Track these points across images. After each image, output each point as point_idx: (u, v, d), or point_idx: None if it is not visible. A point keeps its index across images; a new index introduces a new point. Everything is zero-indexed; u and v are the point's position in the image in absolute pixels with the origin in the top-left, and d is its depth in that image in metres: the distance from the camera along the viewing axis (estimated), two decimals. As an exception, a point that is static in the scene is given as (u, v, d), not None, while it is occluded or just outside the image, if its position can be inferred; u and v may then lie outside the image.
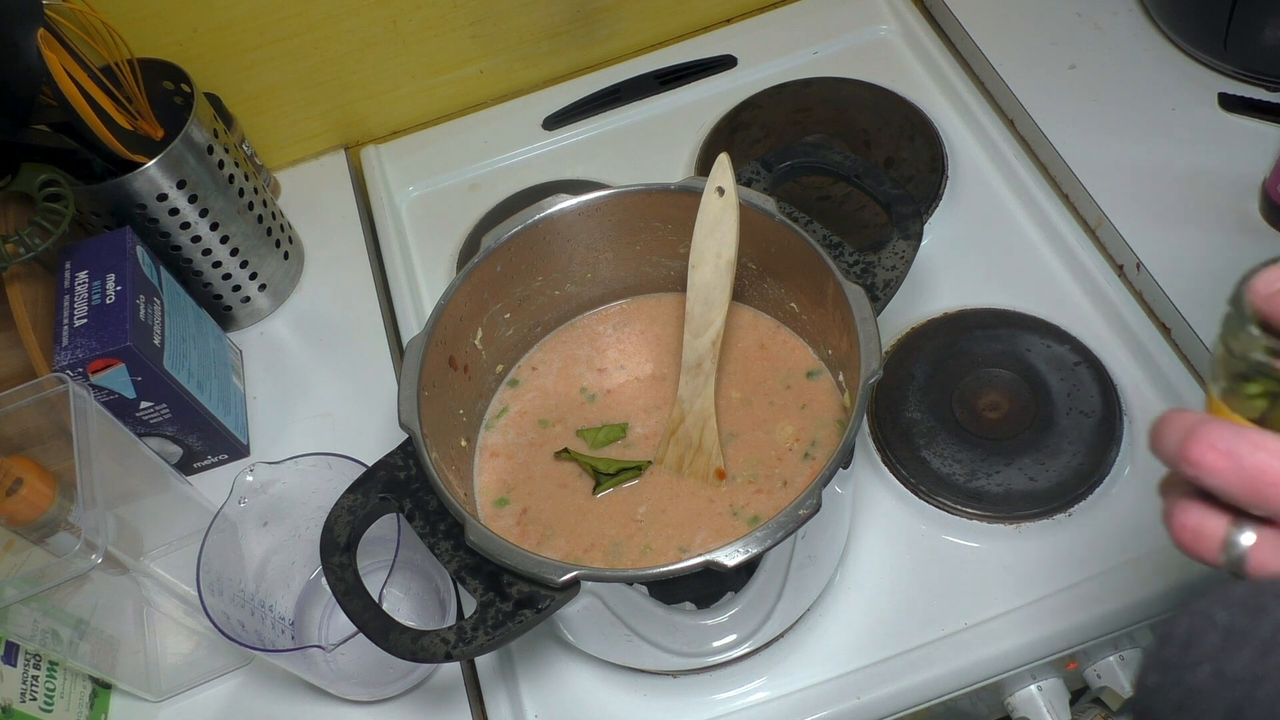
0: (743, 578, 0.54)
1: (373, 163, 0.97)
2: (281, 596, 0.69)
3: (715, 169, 0.59)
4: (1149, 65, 0.83)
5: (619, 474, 0.62)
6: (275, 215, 0.86)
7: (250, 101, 0.92)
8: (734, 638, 0.60)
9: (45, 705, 0.62)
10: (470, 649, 0.50)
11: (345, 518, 0.55)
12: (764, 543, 0.49)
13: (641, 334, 0.70)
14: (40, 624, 0.60)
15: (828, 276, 0.58)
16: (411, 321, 0.84)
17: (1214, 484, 0.33)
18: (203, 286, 0.82)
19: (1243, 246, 0.72)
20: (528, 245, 0.65)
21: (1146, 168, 0.77)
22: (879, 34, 0.96)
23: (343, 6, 0.88)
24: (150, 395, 0.70)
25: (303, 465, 0.63)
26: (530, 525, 0.62)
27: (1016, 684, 0.66)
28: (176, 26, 0.85)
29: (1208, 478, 0.33)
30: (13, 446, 0.65)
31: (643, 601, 0.54)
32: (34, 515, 0.63)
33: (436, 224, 0.92)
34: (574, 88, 0.97)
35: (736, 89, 0.94)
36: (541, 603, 0.50)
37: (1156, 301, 0.73)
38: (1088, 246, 0.76)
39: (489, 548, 0.51)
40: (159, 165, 0.73)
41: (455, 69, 0.96)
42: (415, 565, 0.69)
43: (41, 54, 0.64)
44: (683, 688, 0.64)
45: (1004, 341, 0.73)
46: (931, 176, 0.83)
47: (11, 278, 0.70)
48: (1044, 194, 0.80)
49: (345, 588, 0.53)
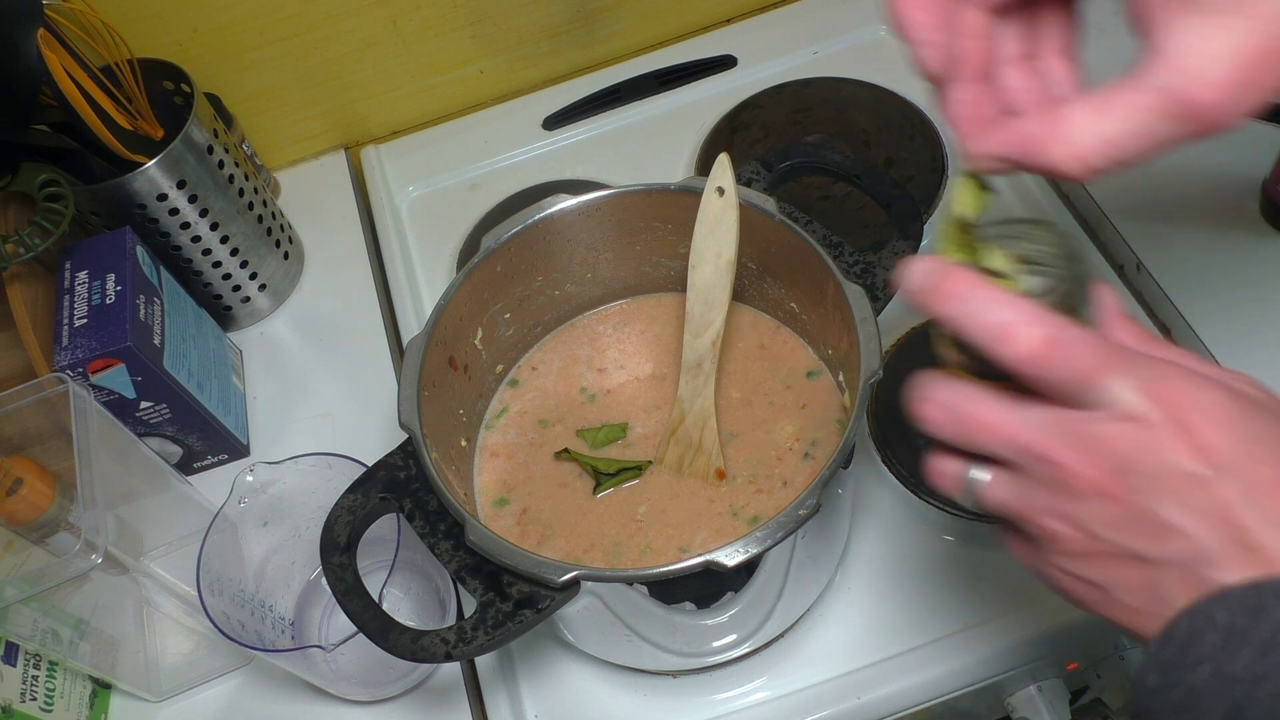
0: (743, 578, 0.54)
1: (373, 163, 0.97)
2: (281, 596, 0.69)
3: (715, 169, 0.59)
4: (1149, 65, 0.83)
5: (619, 474, 0.62)
6: (275, 215, 0.86)
7: (250, 101, 0.92)
8: (734, 638, 0.60)
9: (45, 705, 0.62)
10: (470, 649, 0.50)
11: (345, 518, 0.55)
12: (764, 543, 0.49)
13: (641, 334, 0.70)
14: (40, 624, 0.60)
15: (828, 276, 0.58)
16: (411, 321, 0.84)
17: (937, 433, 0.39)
18: (203, 286, 0.82)
19: (1243, 246, 0.72)
20: (528, 245, 0.65)
21: (1147, 168, 0.77)
22: (879, 34, 0.96)
23: (343, 6, 0.88)
24: (150, 395, 0.70)
25: (303, 465, 0.63)
26: (530, 525, 0.62)
27: (1016, 684, 0.66)
28: (176, 26, 0.85)
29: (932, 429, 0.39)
30: (13, 446, 0.65)
31: (643, 601, 0.54)
32: (34, 515, 0.63)
33: (436, 224, 0.92)
34: (574, 88, 0.97)
35: (736, 89, 0.94)
36: (541, 603, 0.50)
37: (1156, 301, 0.73)
38: (1088, 247, 0.76)
39: (489, 548, 0.51)
40: (159, 165, 0.73)
41: (455, 69, 0.96)
42: (415, 565, 0.69)
43: (41, 54, 0.64)
44: (683, 688, 0.64)
45: (1004, 341, 0.73)
46: (931, 176, 0.83)
47: (11, 278, 0.70)
48: (1044, 194, 0.80)
49: (345, 588, 0.53)
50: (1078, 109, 0.35)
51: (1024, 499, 0.37)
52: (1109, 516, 0.35)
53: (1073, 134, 0.35)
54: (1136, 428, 0.34)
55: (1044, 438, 0.36)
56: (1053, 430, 0.36)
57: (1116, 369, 0.35)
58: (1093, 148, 0.35)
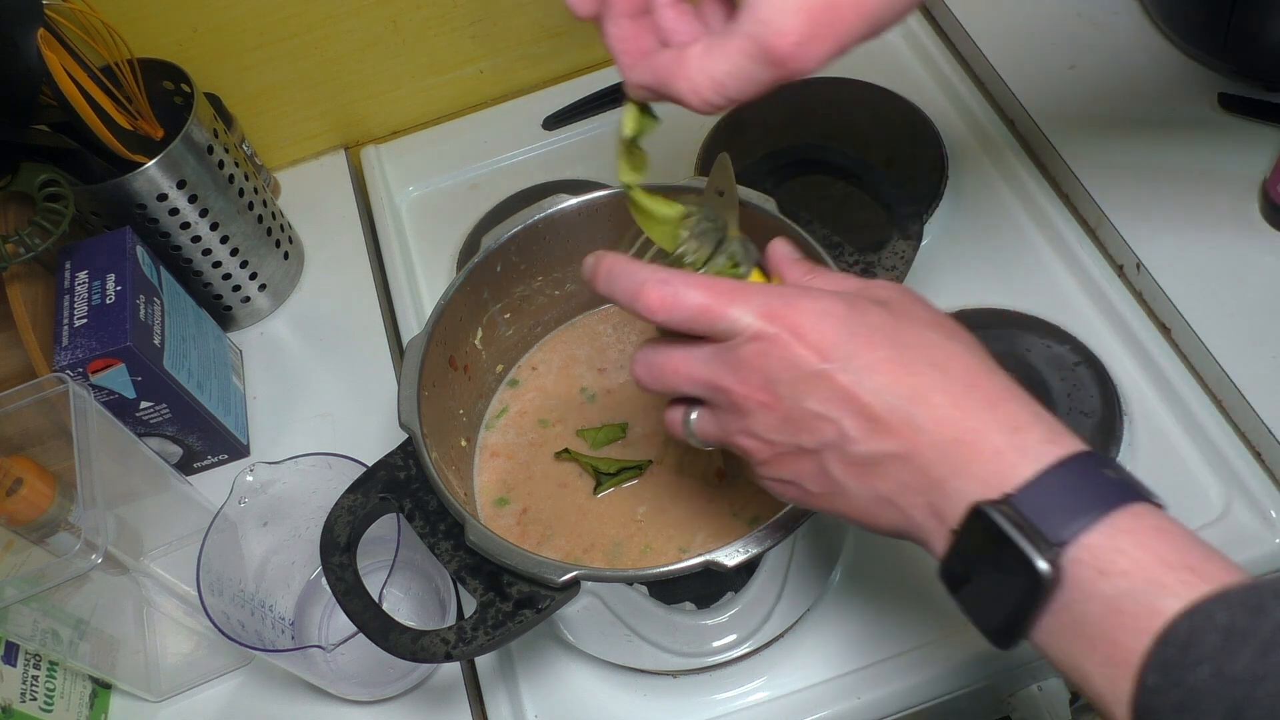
0: (743, 578, 0.54)
1: (373, 163, 0.96)
2: (281, 596, 0.69)
3: (715, 169, 0.59)
4: (1149, 65, 0.83)
5: (620, 474, 0.62)
6: (275, 215, 0.86)
7: (250, 101, 0.92)
8: (734, 638, 0.60)
9: (45, 705, 0.62)
10: (470, 649, 0.50)
11: (345, 518, 0.55)
12: (764, 543, 0.49)
13: (642, 334, 0.70)
14: (40, 624, 0.60)
15: (828, 276, 0.58)
16: (411, 321, 0.84)
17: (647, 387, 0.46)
18: (203, 286, 0.82)
19: (1243, 246, 0.72)
20: (528, 245, 0.65)
21: (1146, 168, 0.77)
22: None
23: (343, 6, 0.88)
24: (150, 395, 0.70)
25: (303, 465, 0.63)
26: (530, 525, 0.62)
27: (1016, 684, 0.66)
28: (176, 26, 0.85)
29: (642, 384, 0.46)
30: (13, 446, 0.65)
31: (643, 601, 0.54)
32: (34, 515, 0.63)
33: (436, 224, 0.92)
34: (574, 88, 0.97)
35: (736, 89, 0.94)
36: (541, 603, 0.50)
37: (1156, 301, 0.73)
38: (1088, 246, 0.76)
39: (489, 548, 0.51)
40: (159, 165, 0.73)
41: (455, 69, 0.96)
42: (415, 565, 0.69)
43: (41, 54, 0.64)
44: (683, 688, 0.64)
45: (1004, 341, 0.73)
46: (931, 176, 0.83)
47: (11, 278, 0.70)
48: (1044, 194, 0.80)
49: (345, 588, 0.53)
50: (694, 50, 0.40)
51: (720, 426, 0.44)
52: (773, 422, 0.41)
53: (690, 72, 0.40)
54: (764, 344, 0.40)
55: (710, 370, 0.42)
56: (714, 361, 0.42)
57: (735, 302, 0.41)
58: (706, 84, 0.40)
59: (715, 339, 0.42)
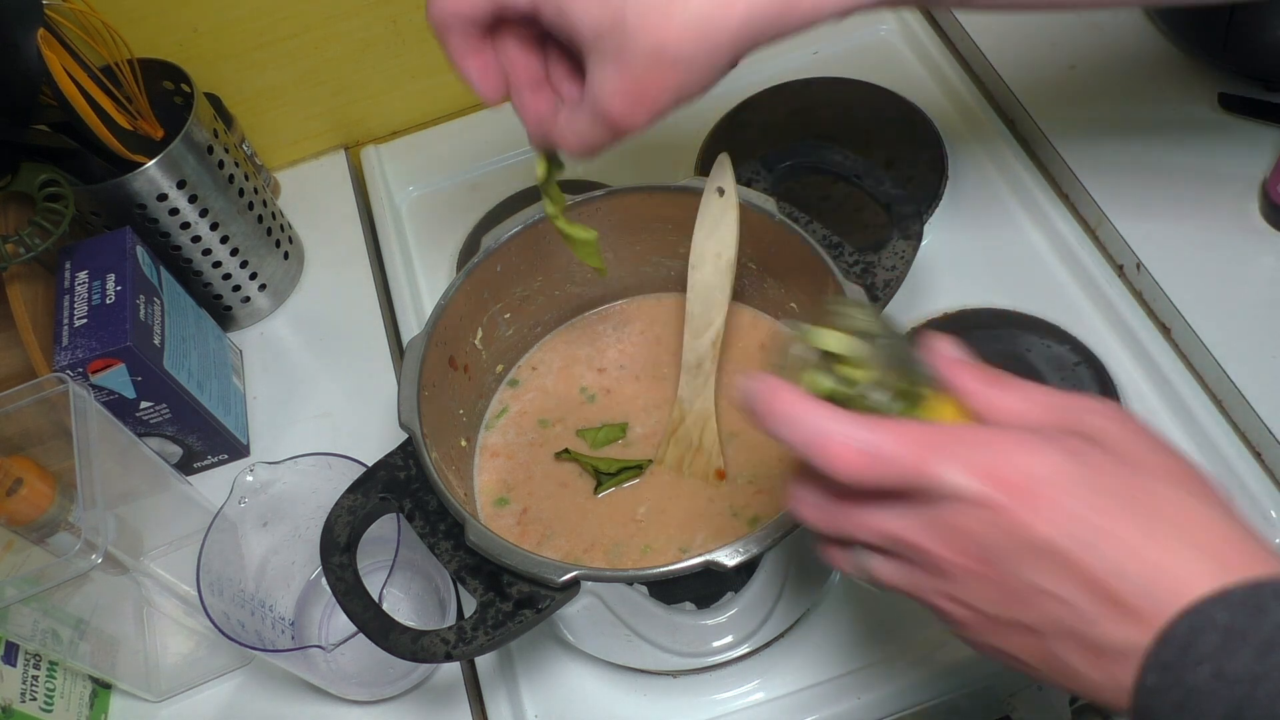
0: (743, 578, 0.54)
1: (373, 163, 0.96)
2: (281, 596, 0.69)
3: (715, 169, 0.59)
4: (1149, 65, 0.83)
5: (620, 473, 0.62)
6: (275, 215, 0.86)
7: (250, 101, 0.92)
8: (734, 638, 0.60)
9: (45, 705, 0.62)
10: (470, 649, 0.50)
11: (345, 518, 0.55)
12: (764, 543, 0.49)
13: (642, 334, 0.70)
14: (40, 624, 0.60)
15: (828, 276, 0.58)
16: (411, 321, 0.84)
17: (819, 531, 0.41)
18: (203, 286, 0.82)
19: (1243, 246, 0.72)
20: (528, 245, 0.65)
21: (1146, 168, 0.77)
22: (879, 34, 0.96)
23: (343, 6, 0.88)
24: (150, 395, 0.70)
25: (303, 465, 0.63)
26: (530, 525, 0.62)
27: (1016, 684, 0.66)
28: (176, 26, 0.85)
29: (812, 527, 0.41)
30: (13, 446, 0.65)
31: (643, 601, 0.54)
32: (34, 515, 0.63)
33: (436, 224, 0.92)
34: (574, 88, 0.97)
35: (736, 89, 0.94)
36: (541, 603, 0.50)
37: (1156, 301, 0.73)
38: (1088, 246, 0.76)
39: (489, 548, 0.51)
40: (159, 165, 0.73)
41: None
42: (415, 565, 0.69)
43: (41, 54, 0.64)
44: (683, 688, 0.64)
45: (1004, 341, 0.73)
46: (931, 176, 0.83)
47: (11, 278, 0.70)
48: (1044, 194, 0.80)
49: (345, 588, 0.53)
50: (565, 113, 0.50)
51: (912, 582, 0.39)
52: (988, 594, 0.37)
53: (564, 130, 0.50)
54: (985, 513, 0.35)
55: (908, 530, 0.37)
56: (914, 522, 0.37)
57: (940, 458, 0.36)
58: (574, 140, 0.49)
59: (915, 497, 0.37)
